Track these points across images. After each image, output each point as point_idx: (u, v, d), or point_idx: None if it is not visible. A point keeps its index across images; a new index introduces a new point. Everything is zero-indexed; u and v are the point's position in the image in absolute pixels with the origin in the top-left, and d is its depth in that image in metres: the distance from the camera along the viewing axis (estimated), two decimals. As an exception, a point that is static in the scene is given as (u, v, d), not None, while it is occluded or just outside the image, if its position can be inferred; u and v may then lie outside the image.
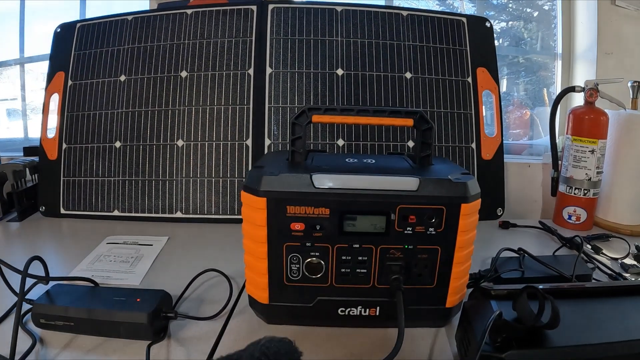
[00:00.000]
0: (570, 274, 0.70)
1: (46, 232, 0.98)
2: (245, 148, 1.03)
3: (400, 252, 0.55)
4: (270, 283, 0.57)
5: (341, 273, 0.56)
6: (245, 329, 0.60)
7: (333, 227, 0.54)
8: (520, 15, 1.43)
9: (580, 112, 1.00)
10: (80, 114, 1.08)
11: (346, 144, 1.03)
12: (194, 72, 1.06)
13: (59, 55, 1.12)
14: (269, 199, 0.52)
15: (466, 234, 0.55)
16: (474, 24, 1.11)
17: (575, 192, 1.01)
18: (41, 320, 0.56)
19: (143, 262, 0.79)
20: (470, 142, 1.06)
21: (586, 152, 0.98)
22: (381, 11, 1.09)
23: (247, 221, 0.56)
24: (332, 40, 1.06)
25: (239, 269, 0.74)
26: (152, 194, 1.03)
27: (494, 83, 1.08)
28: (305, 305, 0.58)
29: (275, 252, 0.55)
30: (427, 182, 0.53)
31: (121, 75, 1.08)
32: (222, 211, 1.02)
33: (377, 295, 0.57)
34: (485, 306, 0.50)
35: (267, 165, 0.57)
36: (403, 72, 1.06)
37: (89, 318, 0.55)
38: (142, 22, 1.10)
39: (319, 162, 0.60)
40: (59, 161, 1.08)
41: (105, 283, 0.70)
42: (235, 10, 1.09)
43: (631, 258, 0.85)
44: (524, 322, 0.46)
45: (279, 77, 1.05)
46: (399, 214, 0.53)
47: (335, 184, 0.52)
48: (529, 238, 0.97)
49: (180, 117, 1.05)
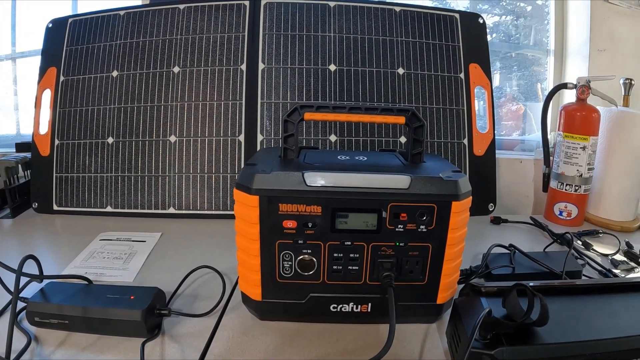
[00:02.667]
0: (560, 270, 0.70)
1: (39, 228, 0.98)
2: (237, 144, 1.03)
3: (391, 249, 0.56)
4: (263, 280, 0.57)
5: (333, 270, 0.56)
6: (238, 326, 0.60)
7: (325, 225, 0.54)
8: (514, 10, 1.43)
9: (572, 108, 1.01)
10: (73, 109, 1.07)
11: (338, 140, 1.03)
12: (186, 67, 1.05)
13: (51, 51, 1.11)
14: (262, 196, 0.53)
15: (457, 231, 0.55)
16: (467, 20, 1.11)
17: (566, 189, 1.02)
18: (36, 319, 0.56)
19: (136, 258, 0.80)
20: (462, 138, 1.06)
21: (577, 148, 0.99)
22: (374, 7, 1.09)
23: (240, 218, 0.56)
24: (325, 36, 1.06)
25: (231, 265, 0.74)
26: (144, 190, 1.03)
27: (487, 79, 1.09)
28: (297, 302, 0.58)
29: (267, 250, 0.55)
30: (418, 180, 0.53)
31: (113, 70, 1.07)
32: (214, 207, 1.02)
33: (369, 291, 0.58)
34: (475, 303, 0.51)
35: (259, 163, 0.57)
36: (395, 68, 1.06)
37: (83, 316, 0.55)
38: (135, 17, 1.10)
39: (311, 159, 0.60)
40: (51, 157, 1.07)
41: (98, 280, 0.70)
42: (227, 5, 1.08)
43: (621, 254, 0.86)
44: (513, 319, 0.47)
45: (271, 73, 1.05)
46: (391, 212, 0.54)
47: (327, 182, 0.53)
48: (520, 234, 0.98)
49: (172, 113, 1.04)
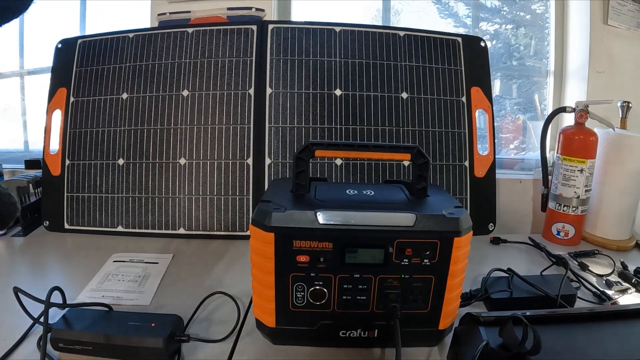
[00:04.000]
0: (555, 294, 0.73)
1: (51, 247, 1.00)
2: (246, 167, 1.06)
3: (397, 281, 0.59)
4: (277, 309, 0.60)
5: (343, 300, 0.60)
6: (253, 350, 0.63)
7: (336, 259, 0.58)
8: (514, 19, 1.45)
9: (571, 132, 1.04)
10: (83, 130, 1.10)
11: (344, 163, 1.07)
12: (195, 91, 1.08)
13: (60, 71, 1.14)
14: (277, 234, 0.56)
15: (458, 264, 0.59)
16: (469, 43, 1.14)
17: (564, 209, 1.05)
18: (60, 345, 0.59)
19: (151, 281, 0.83)
20: (464, 161, 1.09)
21: (575, 171, 1.02)
22: (379, 31, 1.12)
23: (255, 253, 0.59)
24: (331, 61, 1.09)
25: (242, 287, 0.78)
26: (155, 211, 1.06)
27: (488, 102, 1.12)
28: (309, 329, 0.62)
29: (281, 282, 0.59)
30: (423, 217, 0.57)
31: (123, 93, 1.10)
32: (224, 228, 1.05)
33: (376, 319, 0.61)
34: (474, 332, 0.55)
35: (272, 199, 0.60)
36: (399, 92, 1.09)
37: (106, 343, 0.58)
38: (144, 40, 1.13)
39: (322, 194, 0.64)
40: (62, 177, 1.10)
41: (117, 304, 0.73)
42: (235, 29, 1.11)
43: (616, 275, 0.90)
44: (509, 348, 0.51)
45: (278, 97, 1.08)
46: (397, 247, 0.57)
47: (338, 220, 0.56)
48: (518, 254, 1.01)
49: (182, 136, 1.07)
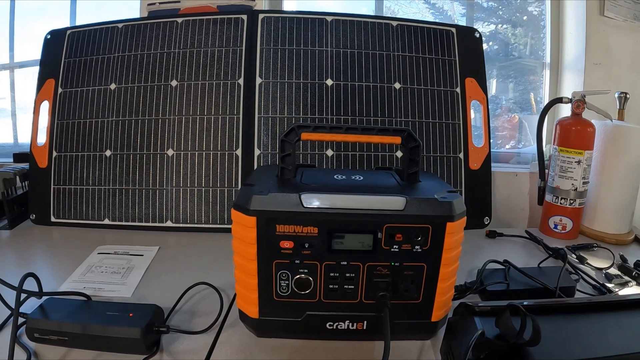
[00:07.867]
0: (554, 286, 0.71)
1: (37, 240, 0.98)
2: (235, 158, 1.03)
3: (387, 269, 0.56)
4: (260, 298, 0.58)
5: (329, 289, 0.57)
6: (236, 342, 0.61)
7: (321, 245, 0.55)
8: (510, 19, 1.43)
9: (567, 123, 1.02)
10: (71, 121, 1.08)
11: (335, 155, 1.04)
12: (184, 81, 1.06)
13: (49, 62, 1.12)
14: (259, 218, 0.53)
15: (451, 251, 0.56)
16: (463, 34, 1.12)
17: (561, 202, 1.03)
18: (35, 335, 0.57)
19: (134, 273, 0.80)
20: (458, 152, 1.07)
21: (572, 162, 1.00)
22: (371, 21, 1.09)
23: (237, 239, 0.56)
24: (322, 51, 1.07)
25: (229, 280, 0.74)
26: (142, 203, 1.04)
27: (483, 93, 1.10)
28: (294, 320, 0.59)
29: (264, 269, 0.56)
30: (414, 201, 0.54)
31: (111, 83, 1.08)
32: (212, 220, 1.02)
33: (364, 310, 0.58)
34: (469, 323, 0.52)
35: (257, 183, 0.58)
36: (392, 83, 1.07)
37: (83, 333, 0.55)
38: (133, 30, 1.10)
39: (308, 179, 0.61)
40: (49, 169, 1.07)
41: (97, 295, 0.71)
42: (225, 19, 1.09)
43: (615, 268, 0.87)
44: (506, 339, 0.47)
45: (268, 87, 1.06)
46: (386, 233, 0.54)
47: (323, 203, 0.53)
48: (515, 248, 0.99)
49: (170, 127, 1.05)
